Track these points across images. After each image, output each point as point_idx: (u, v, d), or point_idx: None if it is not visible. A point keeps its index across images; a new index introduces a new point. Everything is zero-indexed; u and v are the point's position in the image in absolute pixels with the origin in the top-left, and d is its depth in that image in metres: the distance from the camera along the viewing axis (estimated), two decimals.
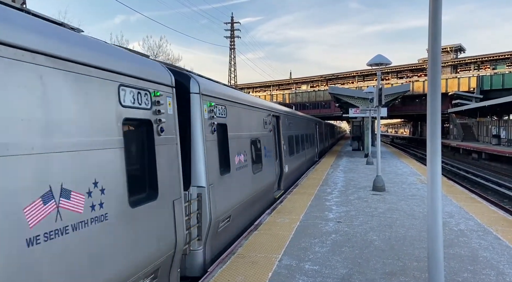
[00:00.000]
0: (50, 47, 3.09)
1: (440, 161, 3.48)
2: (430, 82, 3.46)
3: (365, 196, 11.20)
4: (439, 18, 3.36)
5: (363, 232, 7.43)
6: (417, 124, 79.98)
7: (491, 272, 5.36)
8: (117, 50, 4.36)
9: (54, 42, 3.18)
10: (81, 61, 3.39)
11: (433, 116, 3.43)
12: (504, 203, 15.85)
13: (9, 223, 2.58)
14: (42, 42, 3.02)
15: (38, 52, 2.95)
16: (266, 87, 79.83)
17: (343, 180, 14.59)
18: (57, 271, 2.94)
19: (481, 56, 57.98)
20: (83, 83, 3.40)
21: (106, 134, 3.64)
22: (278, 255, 6.11)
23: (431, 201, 3.49)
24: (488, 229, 7.53)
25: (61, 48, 3.21)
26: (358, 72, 70.75)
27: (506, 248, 6.33)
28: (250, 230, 7.62)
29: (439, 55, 3.42)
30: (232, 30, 73.73)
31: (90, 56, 3.54)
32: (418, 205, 9.85)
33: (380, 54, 11.94)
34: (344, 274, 5.31)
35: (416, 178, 15.06)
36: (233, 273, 5.38)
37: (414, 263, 5.74)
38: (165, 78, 4.96)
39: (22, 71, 2.79)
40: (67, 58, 3.23)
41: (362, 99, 24.92)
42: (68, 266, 3.04)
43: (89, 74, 3.49)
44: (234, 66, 74.65)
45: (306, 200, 10.59)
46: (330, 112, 60.38)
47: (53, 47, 3.11)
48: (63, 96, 3.16)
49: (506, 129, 36.20)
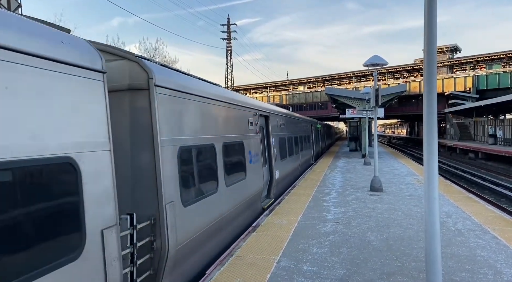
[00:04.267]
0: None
1: (437, 160, 3.49)
2: (426, 83, 3.47)
3: (362, 197, 11.21)
4: (434, 19, 3.38)
5: (361, 232, 7.43)
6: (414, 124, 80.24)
7: (488, 271, 5.37)
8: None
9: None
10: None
11: (429, 116, 3.44)
12: (501, 202, 15.90)
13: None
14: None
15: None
16: (263, 88, 79.97)
17: (341, 181, 14.61)
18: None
19: (476, 56, 58.29)
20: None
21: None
22: (276, 256, 6.11)
23: (428, 201, 3.50)
24: (485, 228, 7.55)
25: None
26: (355, 73, 70.97)
27: (503, 247, 6.35)
28: (248, 232, 7.61)
29: (435, 55, 3.43)
30: (229, 32, 73.78)
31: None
32: (416, 205, 9.87)
33: (376, 55, 11.98)
34: (342, 275, 5.31)
35: (413, 178, 15.09)
36: (231, 275, 5.37)
37: (412, 263, 5.74)
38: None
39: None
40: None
41: (359, 100, 25.00)
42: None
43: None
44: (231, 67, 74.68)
45: (304, 201, 10.59)
46: (327, 113, 60.51)
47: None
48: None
49: (502, 128, 36.34)
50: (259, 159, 9.81)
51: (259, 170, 9.74)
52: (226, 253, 6.31)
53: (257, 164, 9.55)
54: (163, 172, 4.70)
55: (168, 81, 5.11)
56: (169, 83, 5.12)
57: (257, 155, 9.66)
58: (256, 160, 9.53)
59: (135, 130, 4.70)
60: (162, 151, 4.74)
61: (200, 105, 6.15)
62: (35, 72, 2.96)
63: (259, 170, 9.74)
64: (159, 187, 4.63)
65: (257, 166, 9.59)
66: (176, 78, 5.51)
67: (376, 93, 12.65)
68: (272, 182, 11.38)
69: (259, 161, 9.79)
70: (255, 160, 9.43)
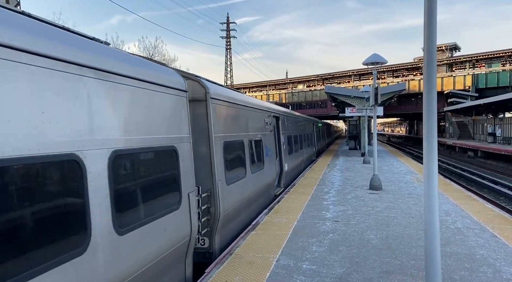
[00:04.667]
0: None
1: (436, 159, 3.48)
2: (426, 81, 3.46)
3: (362, 195, 11.22)
4: (434, 17, 3.37)
5: (361, 231, 7.44)
6: (413, 123, 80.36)
7: (488, 270, 5.37)
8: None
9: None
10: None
11: (429, 114, 3.44)
12: (500, 200, 15.93)
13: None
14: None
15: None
16: (262, 87, 79.92)
17: (340, 179, 14.61)
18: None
19: (476, 55, 58.34)
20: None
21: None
22: (275, 255, 6.11)
23: (428, 199, 3.50)
24: (484, 227, 7.56)
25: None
26: (354, 71, 70.98)
27: (502, 246, 6.36)
28: (247, 230, 7.61)
29: (434, 54, 3.42)
30: (228, 30, 73.75)
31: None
32: (415, 204, 9.88)
33: (376, 53, 11.96)
34: (341, 273, 5.32)
35: (413, 177, 15.10)
36: (231, 273, 5.37)
37: (412, 261, 5.75)
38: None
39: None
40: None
41: (358, 99, 24.97)
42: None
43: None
44: (230, 66, 74.66)
45: (303, 200, 10.60)
46: (327, 112, 60.57)
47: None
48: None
49: (501, 127, 36.40)
50: (273, 153, 11.44)
51: (273, 162, 11.40)
52: (226, 252, 6.31)
53: (271, 157, 11.17)
54: (215, 159, 6.49)
55: (217, 94, 6.87)
56: (218, 96, 6.89)
57: (271, 149, 11.27)
58: (271, 154, 11.13)
59: (197, 130, 6.27)
60: (215, 144, 6.50)
61: (235, 110, 8.00)
62: (156, 94, 4.75)
63: (273, 162, 11.40)
64: (213, 169, 6.43)
65: (272, 159, 11.19)
66: (221, 91, 7.32)
67: (375, 92, 12.64)
68: (282, 173, 12.85)
69: (272, 154, 11.41)
70: (270, 153, 11.01)
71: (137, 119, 4.29)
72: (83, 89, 3.41)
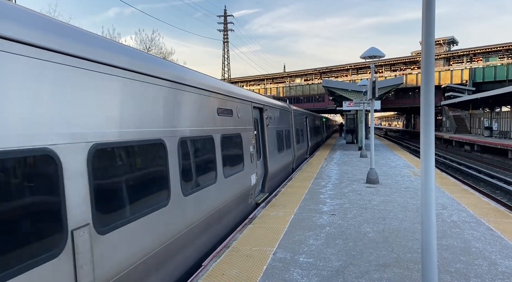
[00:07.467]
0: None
1: (433, 152, 3.49)
2: (423, 75, 3.45)
3: (359, 189, 11.26)
4: (432, 11, 3.35)
5: (357, 224, 7.47)
6: (410, 117, 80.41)
7: (483, 262, 5.42)
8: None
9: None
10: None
11: (426, 108, 3.43)
12: (496, 194, 16.02)
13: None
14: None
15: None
16: (260, 80, 79.70)
17: (337, 173, 14.65)
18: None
19: (473, 49, 58.28)
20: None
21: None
22: (272, 248, 6.13)
23: (425, 193, 3.50)
24: (480, 220, 7.61)
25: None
26: (352, 65, 70.83)
27: (498, 239, 6.41)
28: (244, 224, 7.63)
29: (432, 47, 3.41)
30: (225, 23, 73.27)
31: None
32: (412, 197, 9.93)
33: (373, 47, 11.93)
34: (338, 266, 5.34)
35: (410, 170, 15.15)
36: (228, 266, 5.39)
37: (408, 254, 5.79)
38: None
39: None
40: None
41: (355, 93, 24.96)
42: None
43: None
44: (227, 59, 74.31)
45: (300, 193, 10.62)
46: (324, 106, 60.49)
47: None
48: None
49: (498, 121, 36.50)
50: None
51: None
52: (223, 245, 6.33)
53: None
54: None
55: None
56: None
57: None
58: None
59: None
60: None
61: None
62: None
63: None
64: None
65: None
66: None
67: (373, 86, 12.63)
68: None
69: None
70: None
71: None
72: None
